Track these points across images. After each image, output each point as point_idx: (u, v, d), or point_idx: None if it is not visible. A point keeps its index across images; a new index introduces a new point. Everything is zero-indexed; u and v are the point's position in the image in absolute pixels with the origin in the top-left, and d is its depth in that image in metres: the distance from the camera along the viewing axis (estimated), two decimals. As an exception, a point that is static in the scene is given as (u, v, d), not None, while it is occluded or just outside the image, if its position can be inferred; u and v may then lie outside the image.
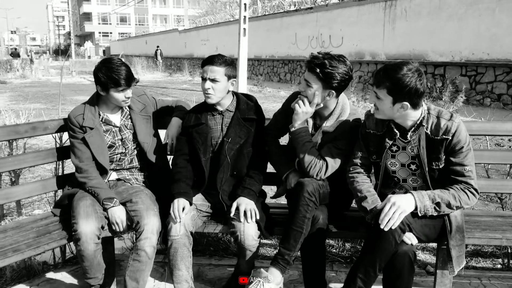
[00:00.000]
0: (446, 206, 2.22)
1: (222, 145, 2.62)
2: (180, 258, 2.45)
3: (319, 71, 2.38)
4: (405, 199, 2.18)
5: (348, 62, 2.44)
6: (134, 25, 74.57)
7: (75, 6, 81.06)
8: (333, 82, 2.40)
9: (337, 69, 2.38)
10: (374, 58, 16.32)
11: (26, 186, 2.83)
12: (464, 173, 2.25)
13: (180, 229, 2.44)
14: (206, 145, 2.63)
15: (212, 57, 2.57)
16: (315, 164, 2.47)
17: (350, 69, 2.44)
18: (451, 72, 13.13)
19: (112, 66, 2.57)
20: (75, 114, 2.67)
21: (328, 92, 2.45)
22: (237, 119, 2.63)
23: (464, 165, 2.24)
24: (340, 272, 3.06)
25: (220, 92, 2.57)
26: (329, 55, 2.42)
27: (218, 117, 2.69)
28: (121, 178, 2.79)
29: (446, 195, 2.23)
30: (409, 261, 2.16)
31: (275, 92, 16.91)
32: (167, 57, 36.62)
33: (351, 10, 17.46)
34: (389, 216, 2.12)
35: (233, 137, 2.61)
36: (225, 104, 2.66)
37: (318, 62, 2.39)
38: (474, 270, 3.11)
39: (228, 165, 2.62)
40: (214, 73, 2.53)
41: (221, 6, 43.34)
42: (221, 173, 2.62)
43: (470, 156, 2.26)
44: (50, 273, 3.06)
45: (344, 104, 2.56)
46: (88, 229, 2.40)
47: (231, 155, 2.60)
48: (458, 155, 2.24)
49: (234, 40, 15.72)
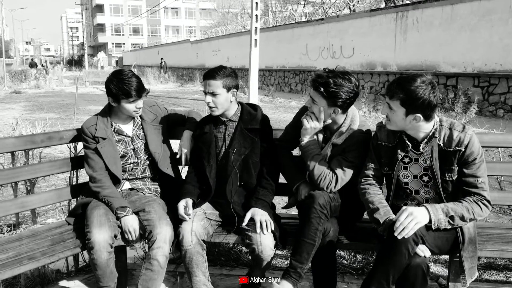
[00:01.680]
0: (460, 219, 2.22)
1: (228, 156, 2.65)
2: (196, 265, 2.50)
3: (323, 90, 2.39)
4: (420, 211, 2.18)
5: (353, 79, 2.42)
6: (147, 36, 75.34)
7: (89, 17, 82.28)
8: (338, 100, 2.40)
9: (341, 87, 2.37)
10: (385, 68, 16.30)
11: (42, 195, 2.88)
12: (477, 185, 2.25)
13: (192, 238, 2.47)
14: (210, 154, 2.68)
15: (210, 71, 2.61)
16: (324, 177, 2.48)
17: (356, 86, 2.42)
18: (463, 83, 13.05)
19: (123, 77, 2.62)
20: (87, 125, 2.72)
21: (334, 110, 2.45)
22: (240, 130, 2.66)
23: (476, 176, 2.24)
24: (352, 283, 3.05)
25: (221, 104, 2.60)
26: (333, 72, 2.41)
27: (221, 127, 2.72)
28: (134, 187, 2.82)
29: (460, 208, 2.23)
30: (422, 274, 2.15)
31: (286, 102, 16.94)
32: (179, 67, 36.94)
33: (362, 21, 17.49)
34: (404, 225, 2.11)
35: (238, 148, 2.63)
36: (229, 114, 2.69)
37: (322, 81, 2.39)
38: (487, 283, 3.08)
39: (236, 176, 2.64)
40: (212, 87, 2.57)
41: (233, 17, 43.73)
42: (229, 184, 2.64)
43: (483, 167, 2.26)
44: (64, 281, 3.09)
45: (354, 116, 2.56)
46: (101, 238, 2.43)
47: (238, 165, 2.63)
48: (471, 167, 2.24)
49: (245, 50, 15.82)
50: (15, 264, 2.30)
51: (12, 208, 2.74)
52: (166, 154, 2.86)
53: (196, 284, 2.53)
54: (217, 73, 2.57)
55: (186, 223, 2.53)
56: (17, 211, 2.86)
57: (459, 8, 13.26)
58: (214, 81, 2.57)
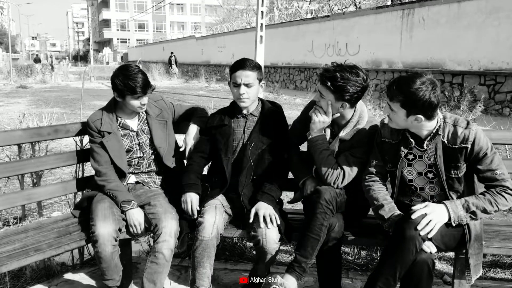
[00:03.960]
0: (482, 212, 2.21)
1: (245, 149, 2.65)
2: (207, 257, 2.49)
3: (330, 84, 2.38)
4: (439, 210, 2.18)
5: (361, 73, 2.39)
6: (152, 32, 75.40)
7: (95, 13, 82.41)
8: (345, 94, 2.39)
9: (348, 81, 2.35)
10: (391, 66, 16.23)
11: (48, 187, 2.90)
12: (496, 177, 2.22)
13: (213, 231, 2.47)
14: (228, 146, 2.67)
15: (243, 61, 2.61)
16: (332, 172, 2.48)
17: (364, 80, 2.40)
18: (469, 81, 12.98)
19: (129, 73, 2.61)
20: (93, 119, 2.73)
21: (341, 104, 2.45)
22: (261, 125, 2.66)
23: (493, 169, 2.22)
24: (356, 279, 3.05)
25: (253, 96, 2.63)
26: (341, 66, 2.39)
27: (241, 120, 2.72)
28: (139, 181, 2.83)
29: (482, 201, 2.21)
30: (428, 270, 2.15)
31: (291, 99, 16.90)
32: (184, 63, 36.94)
33: (368, 18, 17.42)
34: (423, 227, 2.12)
35: (256, 142, 2.63)
36: (251, 108, 2.70)
37: (329, 75, 2.38)
38: (492, 281, 3.06)
39: (251, 169, 2.64)
40: (248, 77, 2.57)
41: (238, 13, 43.61)
42: (243, 176, 2.64)
43: (497, 159, 2.22)
44: (69, 274, 3.11)
45: (362, 112, 2.55)
46: (105, 231, 2.44)
47: (254, 159, 2.63)
48: (484, 162, 2.22)
49: (250, 47, 15.79)
50: (22, 255, 2.32)
51: (19, 200, 2.76)
52: (171, 149, 2.86)
53: (201, 275, 2.52)
54: (251, 64, 2.59)
55: (209, 215, 2.51)
56: (23, 203, 2.87)
57: (465, 5, 13.18)
58: (251, 72, 2.58)
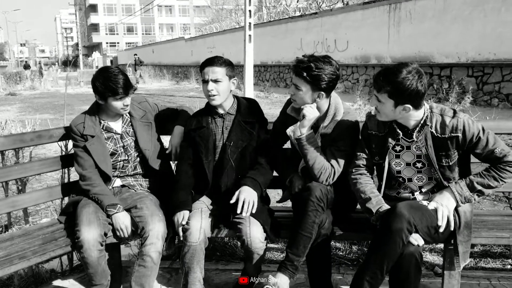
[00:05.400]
0: (487, 188, 2.25)
1: (225, 149, 2.62)
2: (197, 262, 2.46)
3: (306, 74, 2.40)
4: (446, 198, 2.24)
5: (334, 62, 2.46)
6: (141, 35, 75.08)
7: (83, 18, 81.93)
8: (321, 83, 2.41)
9: (323, 70, 2.39)
10: (379, 61, 16.28)
11: (33, 194, 2.86)
12: (497, 156, 2.23)
13: (200, 236, 2.43)
14: (208, 148, 2.64)
15: (211, 58, 2.61)
16: (325, 170, 2.46)
17: (337, 69, 2.46)
18: (457, 73, 13.04)
19: (110, 75, 2.58)
20: (75, 123, 2.70)
21: (318, 94, 2.46)
22: (238, 122, 2.64)
23: (491, 149, 2.22)
24: (347, 274, 3.04)
25: (223, 93, 2.59)
26: (314, 57, 2.44)
27: (219, 120, 2.69)
28: (125, 184, 2.80)
29: (486, 179, 2.24)
30: (416, 263, 2.14)
31: (282, 97, 16.89)
32: (174, 65, 36.83)
33: (355, 14, 17.46)
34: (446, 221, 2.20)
35: (235, 141, 2.61)
36: (227, 106, 2.67)
37: (304, 66, 2.41)
38: (483, 271, 3.07)
39: (232, 169, 2.61)
40: (216, 73, 2.56)
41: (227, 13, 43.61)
42: (225, 177, 2.61)
43: (491, 138, 2.23)
44: (58, 280, 3.07)
45: (337, 104, 2.56)
46: (90, 236, 2.40)
47: (234, 158, 2.60)
48: (480, 145, 2.23)
49: (240, 47, 15.78)
50: (6, 263, 2.28)
51: (3, 208, 2.71)
52: (156, 151, 2.83)
53: (192, 280, 2.49)
54: (220, 60, 2.59)
55: (195, 220, 2.47)
56: (7, 210, 2.83)
57: (452, -2, 13.25)
58: (218, 68, 2.57)
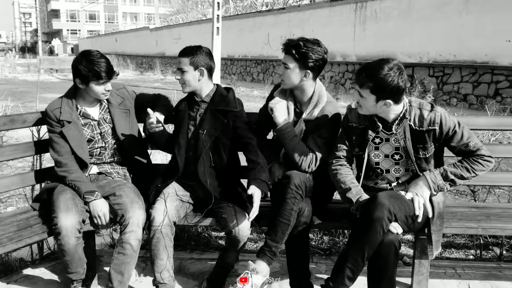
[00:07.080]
0: (460, 179, 2.35)
1: (198, 136, 2.64)
2: (163, 248, 2.46)
3: (294, 52, 2.49)
4: (421, 187, 2.33)
5: (322, 45, 2.54)
6: (104, 23, 73.12)
7: (43, 3, 78.85)
8: (309, 61, 2.49)
9: (311, 49, 2.48)
10: (345, 59, 16.56)
11: (3, 180, 2.76)
12: (471, 149, 2.33)
13: (164, 219, 2.45)
14: (180, 132, 2.68)
15: (184, 48, 2.64)
16: (306, 157, 2.52)
17: (325, 52, 2.54)
18: (419, 72, 13.47)
19: (93, 58, 2.53)
20: (52, 108, 2.62)
21: (305, 73, 2.53)
22: (211, 111, 2.64)
23: (466, 143, 2.33)
24: (320, 263, 3.12)
25: (188, 82, 2.60)
26: (304, 38, 2.54)
27: (195, 107, 2.72)
28: (102, 171, 2.75)
29: (459, 170, 2.34)
30: (395, 250, 2.22)
31: (249, 91, 16.95)
32: (138, 55, 36.12)
33: (323, 11, 17.66)
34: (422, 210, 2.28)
35: (208, 129, 2.61)
36: (203, 94, 2.68)
37: (293, 44, 2.51)
38: (448, 261, 3.22)
39: (207, 157, 2.61)
40: (180, 64, 2.60)
41: (193, 4, 43.01)
42: (201, 165, 2.61)
43: (466, 132, 2.34)
44: (28, 269, 2.99)
45: (321, 91, 2.63)
46: (68, 223, 2.36)
47: (209, 146, 2.61)
48: (455, 138, 2.34)
49: (207, 39, 15.66)
50: (-20, 250, 2.21)
51: (-28, 194, 2.62)
52: (134, 138, 2.80)
53: (159, 267, 2.47)
54: (185, 50, 2.61)
55: (159, 204, 2.50)
56: (-23, 197, 2.73)
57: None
58: (183, 58, 2.60)
